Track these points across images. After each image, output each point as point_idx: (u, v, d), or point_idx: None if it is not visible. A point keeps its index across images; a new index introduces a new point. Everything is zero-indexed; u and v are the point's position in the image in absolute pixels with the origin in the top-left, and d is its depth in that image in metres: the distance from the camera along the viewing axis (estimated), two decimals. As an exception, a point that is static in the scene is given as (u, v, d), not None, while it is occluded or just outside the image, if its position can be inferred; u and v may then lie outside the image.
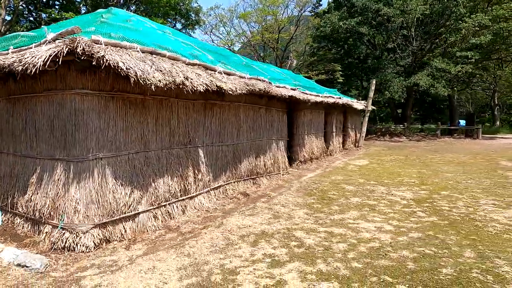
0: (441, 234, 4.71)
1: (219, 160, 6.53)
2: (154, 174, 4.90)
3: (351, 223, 5.22)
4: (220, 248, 4.21)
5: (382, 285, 3.30)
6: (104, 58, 3.53)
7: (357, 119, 18.00)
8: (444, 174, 9.60)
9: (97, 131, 4.12)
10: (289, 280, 3.39)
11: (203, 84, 4.88)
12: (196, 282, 3.34)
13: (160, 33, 7.24)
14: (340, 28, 21.92)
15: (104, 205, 4.17)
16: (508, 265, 3.74)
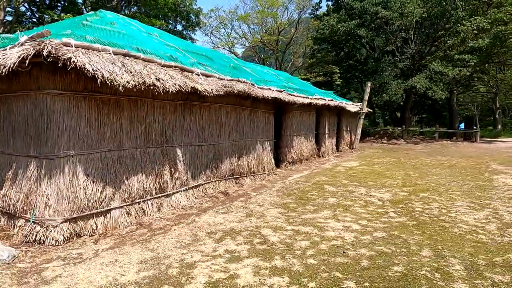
0: (405, 234, 4.81)
1: (199, 159, 6.69)
2: (128, 172, 5.07)
3: (321, 222, 5.34)
4: (185, 243, 4.36)
5: (330, 281, 3.42)
6: (71, 60, 3.71)
7: (353, 122, 18.07)
8: (430, 176, 9.66)
9: (68, 129, 4.30)
10: (242, 274, 3.53)
11: (176, 85, 5.04)
12: (152, 275, 3.49)
13: (145, 35, 7.43)
14: (338, 30, 22.02)
15: (75, 201, 4.35)
16: (460, 264, 3.84)
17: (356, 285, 3.33)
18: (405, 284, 3.36)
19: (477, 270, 3.67)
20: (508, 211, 6.04)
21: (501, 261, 3.90)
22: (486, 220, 5.51)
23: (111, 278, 3.40)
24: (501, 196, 7.20)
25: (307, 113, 11.94)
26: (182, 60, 6.30)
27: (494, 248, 4.32)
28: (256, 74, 10.93)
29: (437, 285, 3.35)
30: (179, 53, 7.08)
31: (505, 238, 4.68)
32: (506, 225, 5.23)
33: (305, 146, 11.83)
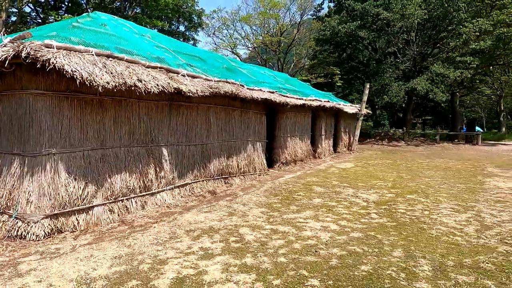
0: (382, 235, 4.86)
1: (186, 159, 6.80)
2: (111, 171, 5.20)
3: (301, 222, 5.41)
4: (162, 241, 4.47)
5: (296, 279, 3.50)
6: (50, 61, 3.84)
7: (351, 123, 18.06)
8: (421, 178, 9.66)
9: (50, 128, 4.44)
10: (211, 271, 3.62)
11: (159, 86, 5.16)
12: (123, 270, 3.60)
13: (137, 36, 7.58)
14: (339, 32, 22.03)
15: (56, 198, 4.48)
16: (429, 264, 3.89)
17: (320, 283, 3.41)
18: (368, 283, 3.43)
19: (443, 271, 3.72)
20: (491, 213, 6.05)
21: (470, 263, 3.94)
22: (466, 222, 5.53)
23: (82, 272, 3.51)
24: (488, 198, 7.20)
25: (302, 114, 12.00)
26: (169, 61, 6.42)
27: (467, 249, 4.36)
28: (251, 76, 11.03)
29: (399, 284, 3.41)
30: (168, 54, 7.21)
31: (481, 240, 4.71)
32: (486, 227, 5.25)
33: (299, 147, 11.89)
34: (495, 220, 5.67)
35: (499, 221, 5.59)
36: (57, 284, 3.28)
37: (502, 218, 5.77)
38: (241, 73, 10.54)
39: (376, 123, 27.10)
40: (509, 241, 4.67)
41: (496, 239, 4.73)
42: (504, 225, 5.37)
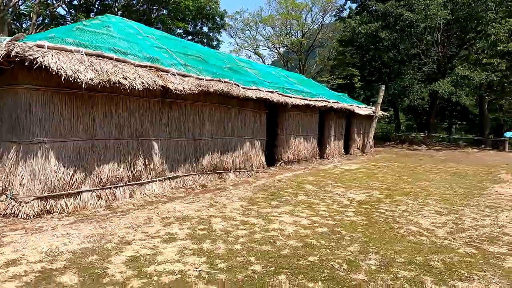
0: (347, 231, 4.98)
1: (178, 153, 7.20)
2: (99, 160, 5.68)
3: (274, 216, 5.62)
4: (135, 225, 4.86)
5: (241, 263, 3.75)
6: (37, 59, 4.35)
7: (366, 125, 17.82)
8: (422, 182, 9.50)
9: (41, 120, 4.97)
10: (166, 252, 3.96)
11: (144, 83, 5.58)
12: (90, 247, 4.02)
13: (140, 38, 8.10)
14: (359, 33, 21.77)
15: (46, 182, 5.01)
16: (378, 260, 4.00)
17: (261, 268, 3.64)
18: (307, 271, 3.61)
19: (389, 266, 3.83)
20: (474, 218, 5.96)
21: (421, 260, 4.00)
22: (442, 224, 5.51)
23: (54, 246, 3.96)
24: (480, 203, 7.03)
25: (307, 114, 12.11)
26: (163, 61, 6.85)
27: (426, 249, 4.40)
28: (257, 76, 11.32)
29: (336, 274, 3.57)
30: (166, 54, 7.65)
31: (446, 241, 4.71)
32: (459, 230, 5.22)
33: (303, 146, 12.01)
34: (474, 224, 5.60)
35: (478, 225, 5.52)
36: (29, 254, 3.74)
37: (483, 223, 5.68)
38: (246, 73, 10.85)
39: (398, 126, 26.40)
40: (475, 244, 4.65)
41: (463, 241, 4.72)
42: (481, 229, 5.31)
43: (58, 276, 3.30)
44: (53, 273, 3.34)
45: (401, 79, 21.29)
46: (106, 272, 3.41)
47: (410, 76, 21.13)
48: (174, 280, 3.31)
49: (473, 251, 4.39)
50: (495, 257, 4.19)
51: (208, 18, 26.68)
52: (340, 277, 3.50)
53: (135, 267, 3.55)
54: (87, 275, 3.33)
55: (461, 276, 3.63)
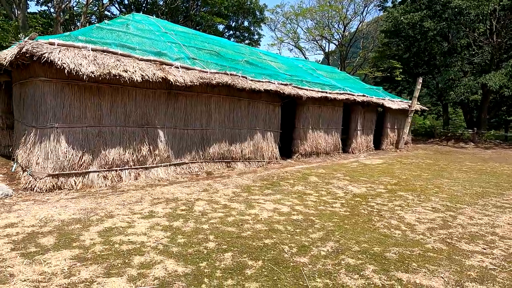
0: (321, 220, 5.07)
1: (184, 141, 7.72)
2: (106, 145, 6.37)
3: (259, 203, 5.87)
4: (126, 203, 5.43)
5: (199, 240, 4.10)
6: (44, 55, 5.05)
7: (402, 120, 16.99)
8: (441, 179, 9.02)
9: (53, 108, 5.73)
10: (139, 226, 4.44)
11: (144, 75, 6.12)
12: (78, 218, 4.64)
13: (158, 33, 8.73)
14: (402, 23, 20.66)
15: (57, 162, 5.78)
16: (333, 247, 4.09)
17: (214, 246, 3.95)
18: (255, 251, 3.85)
19: (339, 253, 3.92)
20: (472, 216, 5.67)
21: (377, 251, 4.03)
22: (429, 220, 5.35)
23: (50, 215, 4.65)
24: (490, 203, 6.60)
25: (329, 107, 11.99)
26: (170, 55, 7.38)
27: (391, 241, 4.38)
28: (279, 69, 11.51)
29: (281, 256, 3.76)
30: (177, 48, 8.18)
31: (420, 236, 4.62)
32: (443, 227, 5.05)
33: (323, 140, 11.94)
34: (466, 222, 5.34)
35: (469, 224, 5.27)
36: (27, 220, 4.45)
37: (477, 222, 5.40)
38: (265, 66, 11.07)
39: (446, 122, 24.57)
40: (450, 241, 4.50)
41: (438, 238, 4.59)
42: (469, 228, 5.08)
43: (40, 238, 3.92)
44: (37, 236, 3.98)
45: (446, 71, 19.86)
46: (79, 238, 3.97)
47: (457, 68, 19.62)
48: (132, 249, 3.76)
49: (443, 247, 4.27)
50: (462, 255, 4.05)
51: (248, 12, 27.07)
52: (282, 259, 3.69)
53: (105, 236, 4.07)
54: (63, 239, 3.91)
55: (408, 268, 3.61)
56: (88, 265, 3.34)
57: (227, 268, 3.44)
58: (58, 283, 3.00)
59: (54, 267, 3.27)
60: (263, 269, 3.45)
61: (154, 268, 3.36)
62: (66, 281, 3.04)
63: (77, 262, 3.39)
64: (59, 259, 3.43)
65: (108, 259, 3.49)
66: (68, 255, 3.54)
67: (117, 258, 3.52)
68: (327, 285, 3.20)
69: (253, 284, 3.14)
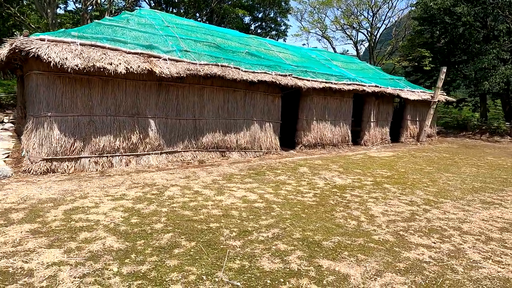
0: (281, 209, 5.16)
1: (176, 130, 8.07)
2: (96, 133, 6.87)
3: (231, 190, 6.05)
4: (105, 186, 5.88)
5: (149, 221, 4.39)
6: (31, 50, 5.57)
7: (425, 111, 16.18)
8: (444, 174, 8.62)
9: (46, 98, 6.29)
10: (103, 207, 4.81)
11: (130, 67, 6.50)
12: (54, 197, 5.13)
13: (157, 27, 9.12)
14: (431, 9, 19.47)
15: (50, 147, 6.37)
16: (274, 233, 4.20)
17: (161, 227, 4.23)
18: (194, 233, 4.07)
19: (278, 239, 4.03)
20: (447, 211, 5.47)
21: (316, 239, 4.08)
22: (396, 213, 5.25)
23: (31, 194, 5.18)
24: (479, 199, 6.27)
25: (336, 98, 11.79)
26: (161, 48, 7.72)
27: (339, 231, 4.39)
28: (285, 60, 11.50)
29: (217, 239, 3.95)
30: (172, 41, 8.50)
31: (373, 227, 4.58)
32: (406, 220, 4.94)
33: (330, 131, 11.79)
34: (436, 216, 5.18)
35: (438, 218, 5.10)
36: (10, 198, 5.01)
37: (449, 216, 5.21)
38: (268, 57, 11.11)
39: (484, 114, 22.85)
40: (404, 234, 4.42)
41: (391, 230, 4.52)
42: (434, 222, 4.93)
43: (13, 213, 4.43)
44: (11, 211, 4.50)
45: (480, 59, 18.50)
46: (45, 214, 4.43)
47: (492, 56, 18.19)
48: (84, 226, 4.14)
49: (390, 239, 4.22)
50: (405, 247, 3.99)
51: (273, 3, 26.90)
52: (216, 242, 3.88)
53: (68, 214, 4.49)
54: (30, 215, 4.39)
55: (336, 257, 3.65)
56: (38, 237, 3.76)
57: (159, 246, 3.69)
58: (5, 250, 3.44)
59: (8, 237, 3.73)
60: (193, 249, 3.67)
61: (93, 243, 3.70)
62: (12, 249, 3.46)
63: (30, 235, 3.82)
64: (17, 231, 3.89)
65: (58, 233, 3.89)
66: (27, 228, 3.99)
67: (66, 233, 3.91)
68: (243, 267, 3.35)
69: (174, 262, 3.37)
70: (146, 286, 2.92)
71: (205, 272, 3.20)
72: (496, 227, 4.82)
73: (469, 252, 3.93)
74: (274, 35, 30.08)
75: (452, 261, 3.68)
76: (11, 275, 3.00)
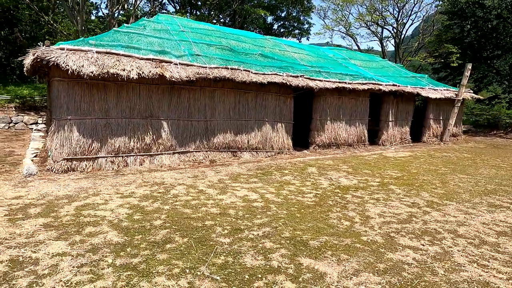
0: (278, 208, 5.34)
1: (188, 131, 8.43)
2: (112, 134, 7.35)
3: (235, 190, 6.29)
4: (117, 184, 6.31)
5: (150, 218, 4.72)
6: (51, 59, 6.09)
7: (449, 110, 15.64)
8: (457, 175, 8.40)
9: (66, 102, 6.83)
10: (111, 204, 5.21)
11: (142, 72, 6.92)
12: (70, 194, 5.60)
13: (173, 33, 9.53)
14: (459, 3, 18.71)
15: (71, 148, 6.91)
16: (264, 232, 4.40)
17: (159, 223, 4.54)
18: (189, 230, 4.35)
19: (267, 238, 4.22)
20: (449, 213, 5.42)
21: (304, 239, 4.23)
22: (393, 214, 5.27)
23: (50, 191, 5.70)
24: (486, 202, 6.12)
25: (351, 98, 11.72)
26: (172, 53, 8.10)
27: (329, 231, 4.51)
28: (299, 61, 11.60)
29: (209, 236, 4.20)
30: (185, 46, 8.87)
31: (364, 228, 4.66)
32: (401, 222, 4.97)
33: (344, 131, 11.74)
34: (435, 219, 5.15)
35: (437, 220, 5.08)
36: (31, 194, 5.54)
37: (448, 219, 5.16)
38: (281, 58, 11.25)
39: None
40: (394, 235, 4.47)
41: (383, 231, 4.58)
42: (431, 224, 4.91)
43: (31, 208, 4.92)
44: (30, 206, 4.99)
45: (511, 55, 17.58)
46: (59, 210, 4.89)
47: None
48: (91, 221, 4.54)
49: (379, 240, 4.29)
50: (391, 249, 4.06)
51: (296, 2, 26.83)
52: (207, 238, 4.14)
53: (79, 210, 4.92)
54: (46, 210, 4.86)
55: (319, 256, 3.79)
56: (48, 230, 4.19)
57: (154, 241, 4.00)
58: (18, 240, 3.88)
59: (24, 229, 4.18)
60: (184, 245, 3.95)
61: (96, 237, 4.07)
62: (25, 240, 3.90)
63: (42, 228, 4.26)
64: (32, 225, 4.34)
65: (67, 227, 4.31)
66: (41, 222, 4.44)
67: (74, 227, 4.32)
68: (226, 262, 3.58)
69: (164, 256, 3.66)
70: (133, 277, 3.22)
71: (189, 266, 3.46)
72: (494, 231, 4.73)
73: (456, 255, 3.93)
74: (297, 34, 30.02)
75: (435, 264, 3.71)
76: (20, 263, 3.41)
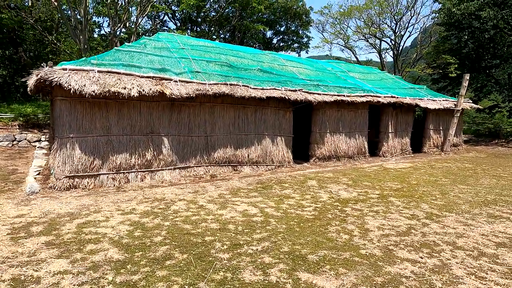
0: (277, 223, 5.37)
1: (188, 147, 8.53)
2: (114, 151, 7.46)
3: (235, 204, 6.34)
4: (118, 201, 6.37)
5: (150, 235, 4.77)
6: (54, 80, 6.25)
7: (449, 120, 15.71)
8: (457, 186, 8.42)
9: (69, 121, 6.97)
10: (112, 220, 5.27)
11: (142, 90, 7.07)
12: (72, 212, 5.67)
13: (173, 50, 9.73)
14: (455, 15, 19.00)
15: (73, 166, 7.01)
16: (263, 246, 4.43)
17: (160, 239, 4.59)
18: (189, 246, 4.39)
19: (265, 252, 4.25)
20: (448, 225, 5.43)
21: (302, 253, 4.26)
22: (392, 227, 5.29)
23: (52, 209, 5.77)
24: (485, 212, 6.13)
25: (350, 110, 11.83)
26: (172, 70, 8.28)
27: (330, 245, 4.54)
28: (298, 75, 11.77)
29: (208, 251, 4.24)
30: (184, 63, 9.05)
31: (363, 242, 4.68)
32: (400, 234, 4.99)
33: (344, 143, 11.81)
34: (434, 231, 5.17)
35: (436, 232, 5.09)
36: (33, 212, 5.61)
37: (447, 231, 5.17)
38: (280, 72, 11.43)
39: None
40: (393, 248, 4.49)
41: (382, 244, 4.60)
42: (429, 236, 4.93)
43: (33, 226, 4.99)
44: (32, 224, 5.06)
45: (510, 64, 17.73)
46: (60, 227, 4.95)
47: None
48: (92, 238, 4.59)
49: (377, 253, 4.31)
50: (389, 262, 4.07)
51: (295, 16, 27.32)
52: (207, 254, 4.18)
53: (81, 227, 4.98)
54: (48, 228, 4.92)
55: (317, 270, 3.82)
56: (50, 248, 4.24)
57: (154, 258, 4.05)
58: (21, 259, 3.93)
59: (25, 248, 4.24)
60: (183, 261, 3.99)
61: (97, 254, 4.12)
62: (27, 258, 3.95)
63: (44, 246, 4.31)
64: (34, 243, 4.40)
65: (68, 245, 4.36)
66: (43, 240, 4.50)
67: (75, 245, 4.37)
68: (225, 278, 3.61)
69: (163, 272, 3.70)
70: (133, 294, 3.26)
71: (188, 282, 3.50)
72: (493, 242, 4.74)
73: (454, 268, 3.94)
74: (297, 47, 30.44)
75: (433, 276, 3.73)
76: (22, 282, 3.46)
